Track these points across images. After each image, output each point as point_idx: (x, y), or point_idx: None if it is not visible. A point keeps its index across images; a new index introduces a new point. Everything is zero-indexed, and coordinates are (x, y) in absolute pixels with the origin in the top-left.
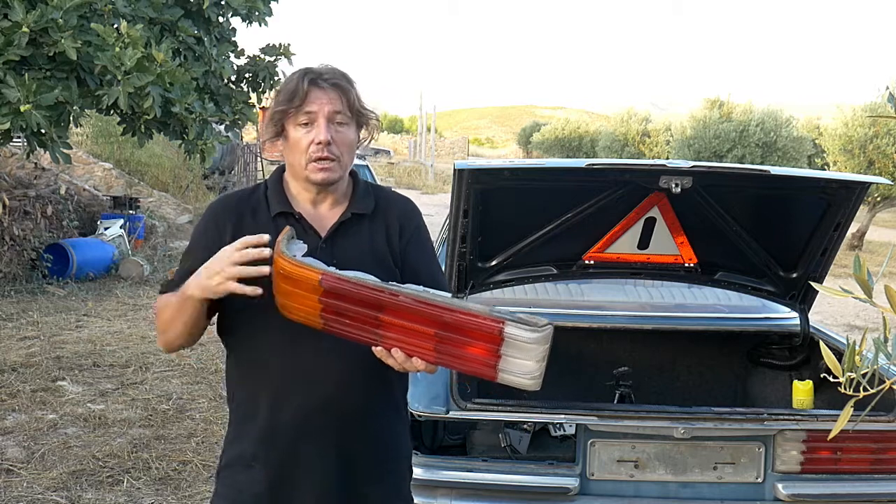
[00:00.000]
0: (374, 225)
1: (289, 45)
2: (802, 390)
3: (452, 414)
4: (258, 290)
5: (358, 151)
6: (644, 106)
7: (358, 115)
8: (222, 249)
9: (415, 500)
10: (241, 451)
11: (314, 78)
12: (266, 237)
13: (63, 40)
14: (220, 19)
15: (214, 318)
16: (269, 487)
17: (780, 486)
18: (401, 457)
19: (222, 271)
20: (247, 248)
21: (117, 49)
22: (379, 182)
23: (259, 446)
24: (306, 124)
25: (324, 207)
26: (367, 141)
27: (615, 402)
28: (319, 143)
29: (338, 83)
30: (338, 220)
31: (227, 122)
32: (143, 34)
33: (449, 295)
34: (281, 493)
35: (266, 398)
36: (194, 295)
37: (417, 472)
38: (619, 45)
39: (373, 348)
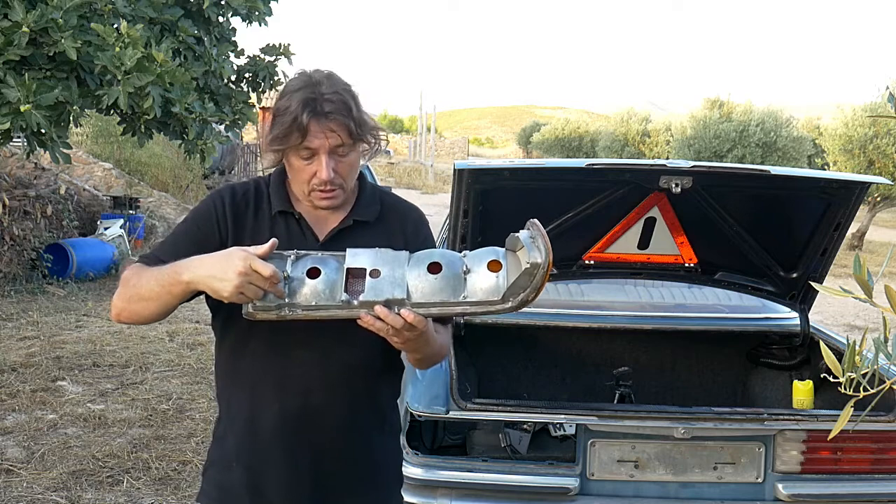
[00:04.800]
0: (376, 233)
1: (289, 45)
2: (802, 390)
3: (452, 414)
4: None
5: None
6: (644, 106)
7: (361, 137)
8: (235, 254)
9: (415, 501)
10: (223, 451)
11: (314, 109)
12: (275, 272)
13: (63, 40)
14: (220, 19)
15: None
16: (247, 490)
17: (780, 486)
18: (387, 468)
19: (235, 280)
20: (255, 271)
21: (117, 49)
22: (379, 182)
23: (239, 447)
24: (307, 158)
25: (325, 210)
26: (374, 152)
27: (615, 402)
28: (320, 180)
29: (338, 117)
30: (337, 225)
31: (227, 122)
32: (143, 34)
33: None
34: (259, 496)
35: (246, 400)
36: (194, 284)
37: (417, 472)
38: (619, 44)
39: (357, 320)
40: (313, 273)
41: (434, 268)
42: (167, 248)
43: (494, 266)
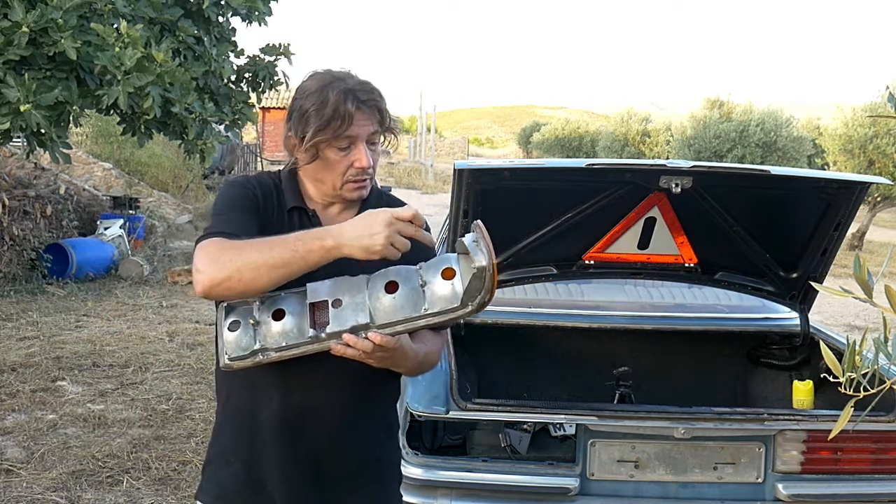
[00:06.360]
0: None
1: (289, 45)
2: (802, 390)
3: (452, 414)
4: (397, 254)
5: None
6: (644, 106)
7: (390, 126)
8: (372, 211)
9: (415, 501)
10: (222, 447)
11: (356, 98)
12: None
13: (63, 40)
14: (220, 19)
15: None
16: (246, 485)
17: (780, 486)
18: (385, 465)
19: (384, 231)
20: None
21: (117, 49)
22: (378, 183)
23: (237, 443)
24: (345, 147)
25: (335, 209)
26: (391, 145)
27: (615, 402)
28: (361, 167)
29: (377, 104)
30: None
31: (227, 122)
32: (143, 34)
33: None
34: (258, 492)
35: (247, 396)
36: (338, 249)
37: (417, 473)
38: (620, 44)
39: (329, 350)
40: (278, 315)
41: (391, 286)
42: (232, 223)
43: (448, 273)
